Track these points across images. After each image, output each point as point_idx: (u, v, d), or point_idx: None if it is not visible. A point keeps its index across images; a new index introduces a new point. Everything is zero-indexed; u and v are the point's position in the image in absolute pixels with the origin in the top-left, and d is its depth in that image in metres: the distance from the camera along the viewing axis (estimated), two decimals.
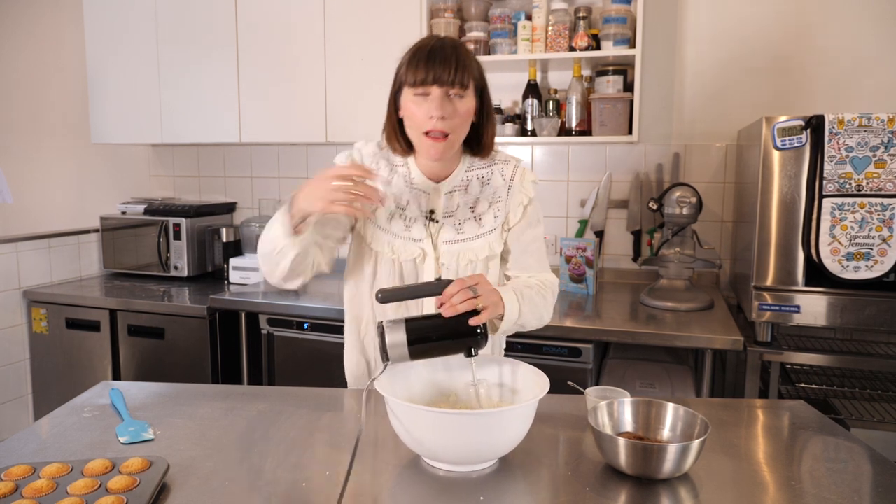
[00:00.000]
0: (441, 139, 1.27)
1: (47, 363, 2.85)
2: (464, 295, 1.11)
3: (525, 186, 1.40)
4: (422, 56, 1.26)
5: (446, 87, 1.25)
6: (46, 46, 2.98)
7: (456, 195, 1.39)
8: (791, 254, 1.94)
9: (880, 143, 1.81)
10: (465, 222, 1.39)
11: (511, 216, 1.41)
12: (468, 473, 1.05)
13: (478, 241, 1.38)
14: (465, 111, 1.29)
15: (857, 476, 1.07)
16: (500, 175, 1.41)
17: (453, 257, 1.38)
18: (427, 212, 1.39)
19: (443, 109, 1.25)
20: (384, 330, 1.12)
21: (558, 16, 2.40)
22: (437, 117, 1.25)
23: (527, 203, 1.40)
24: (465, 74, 1.26)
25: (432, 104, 1.25)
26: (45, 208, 3.00)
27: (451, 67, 1.24)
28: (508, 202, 1.40)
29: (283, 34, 2.70)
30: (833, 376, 2.23)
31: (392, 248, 1.38)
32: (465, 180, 1.40)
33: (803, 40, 2.46)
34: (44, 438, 1.20)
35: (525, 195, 1.40)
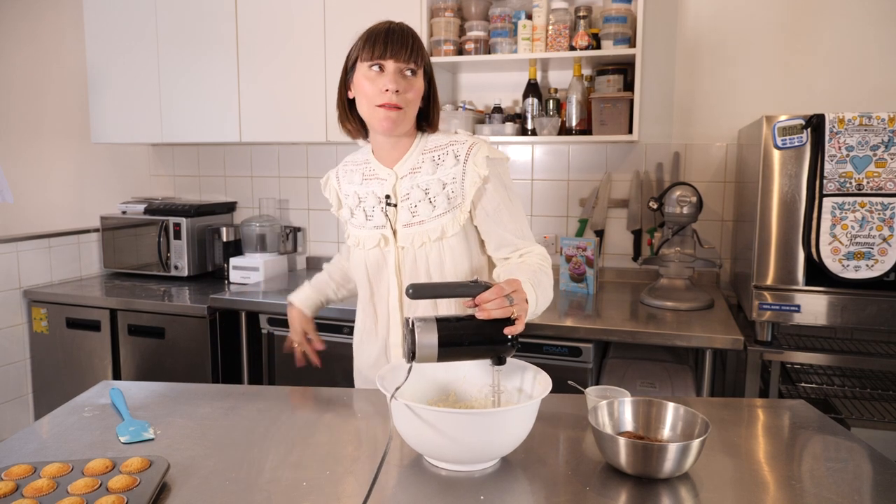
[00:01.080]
0: (394, 110, 1.31)
1: (48, 363, 2.85)
2: (500, 303, 1.08)
3: (478, 164, 1.35)
4: (379, 34, 1.33)
5: (402, 64, 1.31)
6: (47, 46, 2.98)
7: (409, 178, 1.41)
8: (791, 253, 1.94)
9: (881, 143, 1.81)
10: (419, 204, 1.39)
11: (468, 195, 1.36)
12: (470, 473, 1.05)
13: (431, 222, 1.38)
14: (417, 89, 1.35)
15: (857, 475, 1.07)
16: (454, 155, 1.38)
17: (409, 240, 1.39)
18: (383, 197, 1.42)
19: (397, 83, 1.30)
20: (415, 328, 1.06)
21: (558, 15, 2.40)
22: (392, 90, 1.30)
23: (484, 178, 1.35)
24: (420, 55, 1.34)
25: (387, 78, 1.31)
26: (45, 208, 3.00)
27: (407, 46, 1.32)
28: (464, 182, 1.36)
29: (283, 34, 2.70)
30: (833, 376, 2.23)
31: (358, 239, 1.46)
32: (418, 163, 1.41)
33: (803, 39, 2.46)
34: (44, 438, 1.21)
35: (478, 173, 1.35)
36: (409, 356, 1.07)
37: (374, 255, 1.43)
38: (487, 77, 2.81)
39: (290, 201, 3.22)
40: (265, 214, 3.11)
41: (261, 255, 2.96)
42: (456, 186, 1.37)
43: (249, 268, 2.87)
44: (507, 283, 1.11)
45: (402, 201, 1.40)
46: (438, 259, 1.39)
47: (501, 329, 1.08)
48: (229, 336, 2.63)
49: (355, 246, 1.47)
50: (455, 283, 1.19)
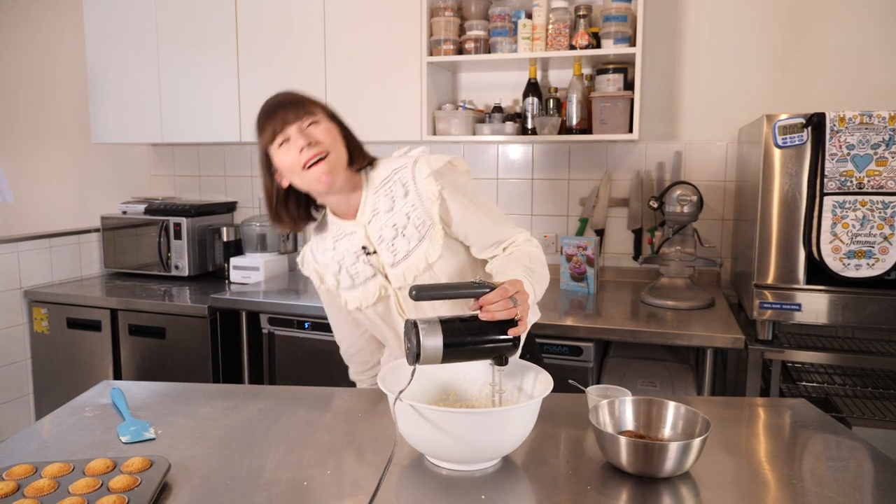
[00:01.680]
0: (319, 161, 1.30)
1: (48, 363, 2.85)
2: (504, 305, 1.07)
3: (427, 184, 1.35)
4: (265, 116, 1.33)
5: (298, 123, 1.30)
6: (47, 46, 2.98)
7: (374, 221, 1.39)
8: (792, 252, 1.94)
9: (881, 141, 1.81)
10: (394, 241, 1.38)
11: (433, 215, 1.35)
12: (471, 472, 1.05)
13: (413, 255, 1.37)
14: (327, 132, 1.33)
15: (858, 474, 1.07)
16: (402, 185, 1.37)
17: (401, 278, 1.38)
18: (359, 250, 1.40)
19: (306, 139, 1.30)
20: (419, 330, 1.04)
21: (558, 14, 2.39)
22: (304, 146, 1.29)
23: (438, 194, 1.35)
24: (306, 105, 1.33)
25: (294, 142, 1.30)
26: (45, 208, 3.00)
27: (288, 107, 1.31)
28: (423, 205, 1.36)
29: (283, 33, 2.70)
30: (834, 374, 2.23)
31: (358, 301, 1.43)
32: (374, 204, 1.39)
33: (804, 38, 2.45)
34: (45, 438, 1.21)
35: (431, 191, 1.35)
36: (413, 358, 1.05)
37: (382, 307, 1.42)
38: (487, 76, 2.81)
39: None
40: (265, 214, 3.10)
41: (261, 254, 2.96)
42: (419, 213, 1.36)
43: (250, 267, 2.87)
44: (510, 284, 1.10)
45: (378, 245, 1.40)
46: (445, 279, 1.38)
47: (505, 330, 1.08)
48: (230, 336, 2.63)
49: (358, 310, 1.44)
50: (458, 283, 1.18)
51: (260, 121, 1.34)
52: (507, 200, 2.86)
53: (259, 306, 2.49)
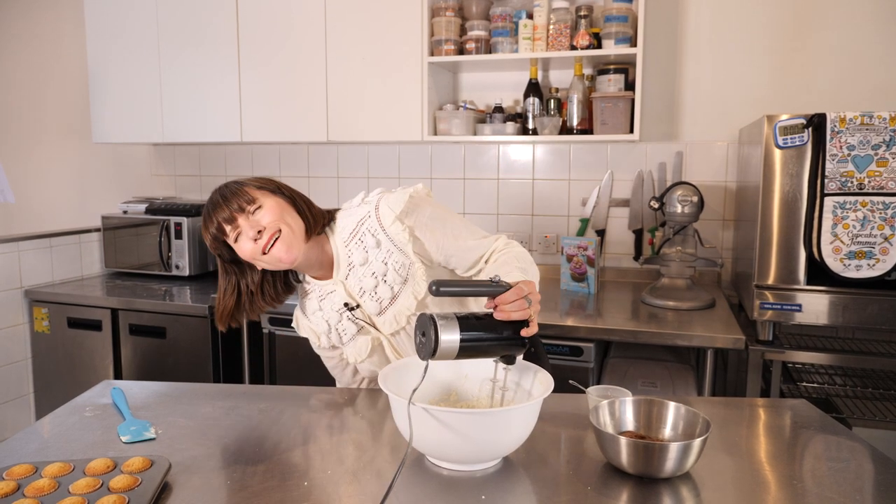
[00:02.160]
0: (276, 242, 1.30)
1: (49, 362, 2.85)
2: (520, 305, 1.07)
3: (393, 227, 1.35)
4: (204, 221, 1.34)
5: (240, 217, 1.31)
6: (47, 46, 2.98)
7: (352, 276, 1.40)
8: (793, 252, 1.94)
9: (882, 142, 1.81)
10: (376, 290, 1.38)
11: (409, 253, 1.35)
12: (472, 472, 1.05)
13: (399, 299, 1.37)
14: (272, 210, 1.32)
15: (858, 475, 1.07)
16: (370, 233, 1.37)
17: (392, 325, 1.39)
18: (341, 307, 1.41)
19: (252, 227, 1.30)
20: (437, 325, 1.03)
21: (559, 14, 2.39)
22: (254, 237, 1.30)
23: (409, 232, 1.35)
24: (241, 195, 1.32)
25: (245, 232, 1.31)
26: (46, 208, 3.00)
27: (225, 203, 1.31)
28: (396, 247, 1.36)
29: (284, 33, 2.70)
30: (835, 375, 2.22)
31: (354, 355, 1.44)
32: (348, 258, 1.40)
33: (805, 38, 2.45)
34: (45, 438, 1.21)
35: (399, 233, 1.35)
36: (429, 353, 1.04)
37: (377, 358, 1.44)
38: (488, 76, 2.81)
39: None
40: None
41: None
42: (395, 256, 1.36)
43: None
44: (525, 284, 1.11)
45: (360, 297, 1.40)
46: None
47: (517, 329, 1.09)
48: (230, 336, 2.63)
49: (358, 362, 1.45)
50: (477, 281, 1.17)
51: (205, 224, 1.34)
52: (508, 201, 2.86)
53: None
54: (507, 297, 1.07)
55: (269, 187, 1.37)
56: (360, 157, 3.07)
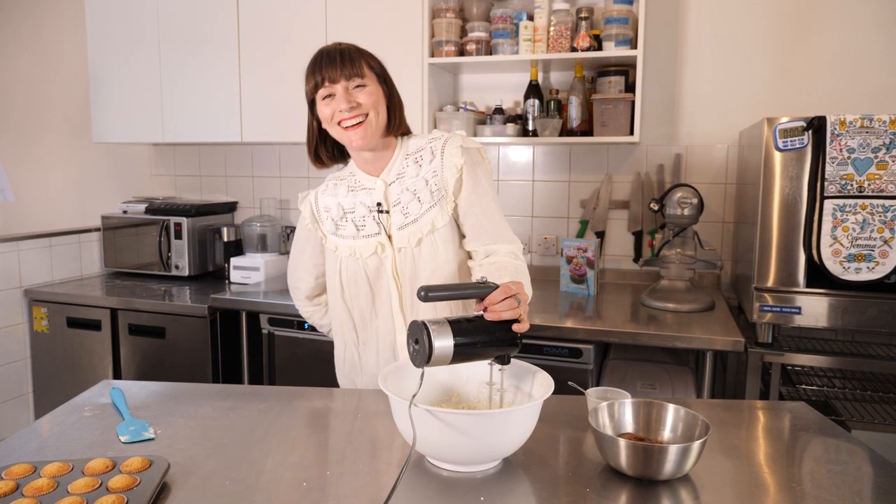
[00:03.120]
0: (357, 125, 1.36)
1: (48, 362, 2.85)
2: (510, 303, 1.08)
3: (453, 154, 1.41)
4: (315, 65, 1.37)
5: (344, 82, 1.35)
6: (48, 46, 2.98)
7: (397, 183, 1.44)
8: (792, 255, 1.94)
9: (882, 145, 1.81)
10: (409, 205, 1.43)
11: (449, 186, 1.41)
12: (472, 474, 1.05)
13: (422, 218, 1.41)
14: (370, 97, 1.37)
15: (857, 478, 1.07)
16: (431, 151, 1.44)
17: (405, 240, 1.42)
18: (374, 205, 1.44)
19: (347, 101, 1.34)
20: (430, 331, 1.03)
21: (560, 16, 2.40)
22: (344, 109, 1.34)
23: (460, 167, 1.40)
24: (355, 66, 1.36)
25: (338, 100, 1.35)
26: (46, 207, 3.00)
27: (337, 63, 1.35)
28: (443, 173, 1.41)
29: (284, 33, 2.70)
30: (834, 378, 2.23)
31: (352, 249, 1.46)
32: (402, 168, 1.45)
33: (805, 41, 2.46)
34: (44, 437, 1.21)
35: (454, 162, 1.40)
36: (423, 360, 1.04)
37: (372, 262, 1.45)
38: (489, 78, 2.81)
39: (290, 201, 3.22)
40: (266, 214, 3.11)
41: (261, 255, 2.96)
42: (438, 179, 1.42)
43: (250, 268, 2.87)
44: (512, 283, 1.12)
45: (393, 206, 1.44)
46: (432, 253, 1.42)
47: (508, 329, 1.09)
48: (230, 336, 2.63)
49: (349, 256, 1.47)
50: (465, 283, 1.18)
51: (310, 67, 1.37)
52: (508, 202, 2.86)
53: (259, 306, 2.49)
54: (496, 297, 1.08)
55: (378, 71, 1.41)
56: None
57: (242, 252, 3.02)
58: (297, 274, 1.64)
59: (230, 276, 2.90)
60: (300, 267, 1.63)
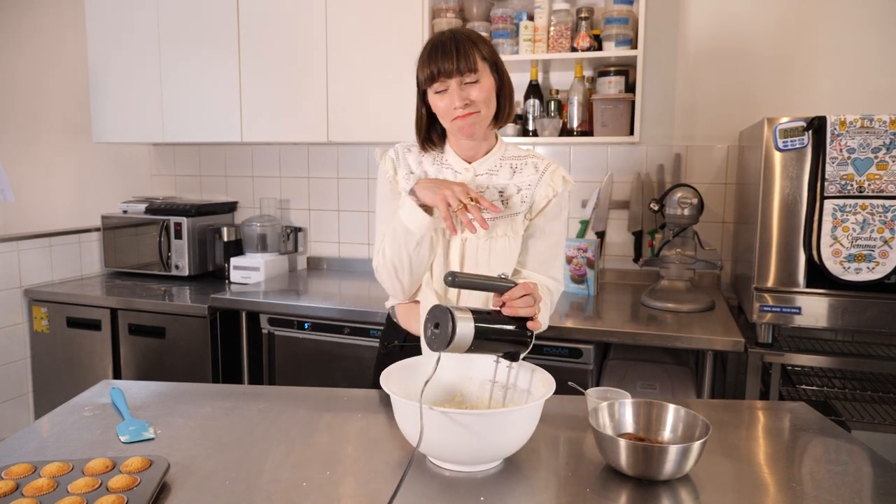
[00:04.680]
0: (467, 117, 1.35)
1: (48, 362, 2.85)
2: (527, 301, 1.13)
3: (555, 181, 1.44)
4: (431, 56, 1.34)
5: (457, 77, 1.32)
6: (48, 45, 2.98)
7: (486, 177, 1.45)
8: (792, 255, 1.94)
9: (882, 145, 1.81)
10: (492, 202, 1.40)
11: (536, 205, 1.44)
12: (473, 474, 1.05)
13: (501, 220, 1.42)
14: (483, 93, 1.35)
15: (857, 478, 1.07)
16: (534, 166, 1.45)
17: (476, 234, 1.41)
18: None
19: (461, 99, 1.33)
20: (454, 316, 1.05)
21: (560, 16, 2.40)
22: (459, 106, 1.33)
23: (552, 196, 1.44)
24: (469, 60, 1.33)
25: (452, 96, 1.33)
26: (46, 207, 3.00)
27: (452, 58, 1.32)
28: (536, 191, 1.44)
29: (285, 34, 2.70)
30: (834, 378, 2.23)
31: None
32: (497, 164, 1.46)
33: (805, 41, 2.46)
34: (44, 437, 1.21)
35: (553, 188, 1.43)
36: (444, 343, 1.05)
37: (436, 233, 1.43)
38: None
39: (290, 201, 3.22)
40: (266, 214, 3.11)
41: (261, 255, 2.97)
42: (528, 193, 1.44)
43: (250, 268, 2.87)
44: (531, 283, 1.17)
45: None
46: (503, 254, 1.42)
47: (523, 327, 1.13)
48: (230, 336, 2.63)
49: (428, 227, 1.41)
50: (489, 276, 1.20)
51: (424, 58, 1.36)
52: None
53: (259, 306, 2.49)
54: (516, 293, 1.13)
55: (492, 60, 1.38)
56: (361, 157, 3.07)
57: (242, 252, 3.02)
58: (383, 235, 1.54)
59: (230, 276, 2.90)
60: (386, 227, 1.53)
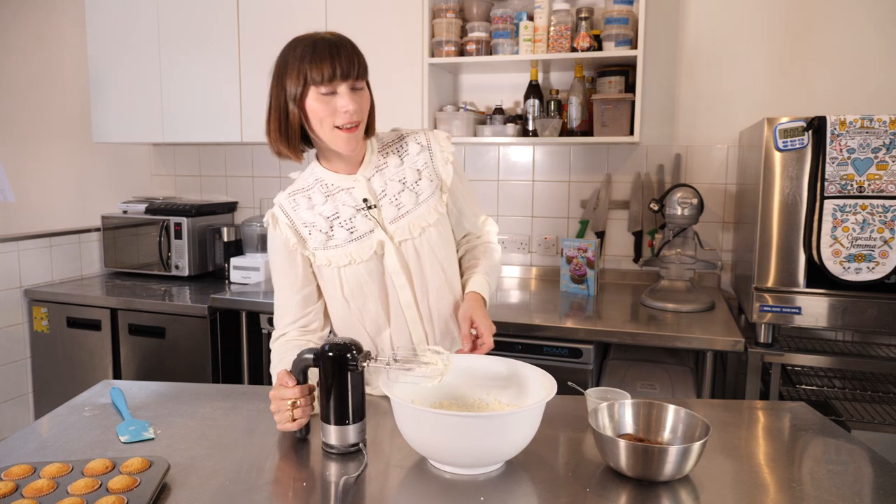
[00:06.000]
0: (353, 129, 1.28)
1: (48, 362, 2.85)
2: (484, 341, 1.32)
3: (443, 145, 1.43)
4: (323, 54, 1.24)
5: (352, 81, 1.26)
6: (48, 45, 2.98)
7: (378, 177, 1.40)
8: (792, 255, 1.94)
9: (882, 145, 1.81)
10: (400, 195, 1.39)
11: (444, 176, 1.42)
12: (474, 476, 1.05)
13: (421, 207, 1.39)
14: (367, 100, 1.32)
15: (857, 478, 1.07)
16: (416, 143, 1.43)
17: (405, 232, 1.37)
18: (360, 202, 1.37)
19: (353, 102, 1.26)
20: None
21: (560, 16, 2.39)
22: (351, 111, 1.26)
23: (452, 159, 1.44)
24: (359, 65, 1.28)
25: (343, 99, 1.26)
26: (46, 207, 3.00)
27: (354, 63, 1.26)
28: (435, 165, 1.42)
29: (285, 34, 2.67)
30: (834, 378, 2.23)
31: (349, 257, 1.36)
32: (381, 161, 1.41)
33: (805, 41, 2.46)
34: (44, 437, 1.21)
35: (447, 152, 1.43)
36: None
37: (373, 264, 1.36)
38: (489, 78, 2.81)
39: None
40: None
41: (262, 255, 2.96)
42: (429, 170, 1.42)
43: (250, 268, 2.87)
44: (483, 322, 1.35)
45: (381, 199, 1.39)
46: (441, 240, 1.41)
47: None
48: (230, 336, 2.63)
49: (347, 265, 1.36)
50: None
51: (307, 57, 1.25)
52: (508, 202, 2.87)
53: (259, 306, 2.49)
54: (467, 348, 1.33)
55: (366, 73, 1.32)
56: None
57: (242, 252, 3.02)
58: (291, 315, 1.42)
59: (230, 276, 2.90)
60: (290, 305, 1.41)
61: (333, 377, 1.11)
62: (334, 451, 1.12)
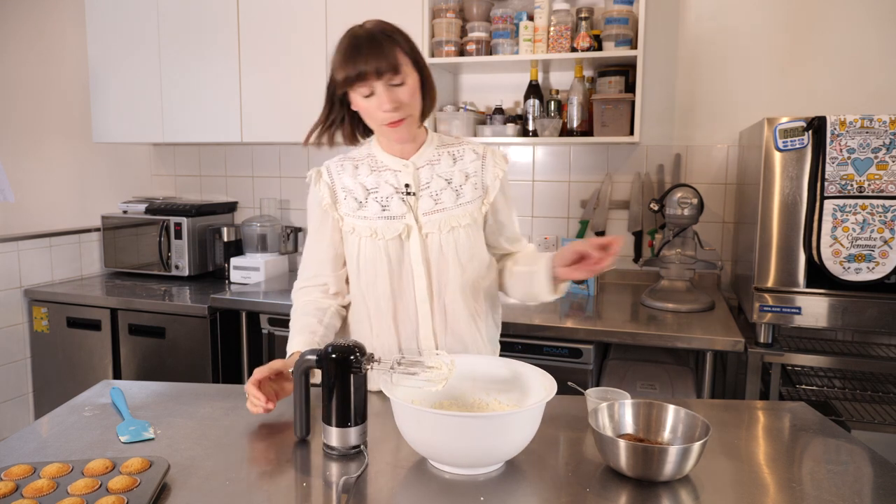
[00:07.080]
0: (399, 123, 1.32)
1: (48, 362, 2.85)
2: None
3: (498, 161, 1.45)
4: (344, 56, 1.29)
5: (385, 78, 1.27)
6: (49, 46, 2.98)
7: (427, 169, 1.43)
8: (792, 255, 1.94)
9: (882, 145, 1.81)
10: (441, 192, 1.41)
11: (490, 189, 1.43)
12: (474, 476, 1.05)
13: (458, 209, 1.41)
14: (409, 93, 1.31)
15: (857, 478, 1.07)
16: (472, 151, 1.45)
17: (435, 226, 1.39)
18: (402, 186, 1.41)
19: (390, 101, 1.28)
20: None
21: (560, 16, 2.39)
22: (388, 109, 1.29)
23: (501, 175, 1.44)
24: (391, 58, 1.27)
25: (380, 98, 1.29)
26: (46, 207, 3.00)
27: (379, 56, 1.27)
28: (484, 176, 1.43)
29: (285, 34, 2.70)
30: (834, 378, 2.23)
31: (373, 230, 1.39)
32: (435, 156, 1.44)
33: (805, 41, 2.46)
34: (44, 437, 1.21)
35: (500, 169, 1.44)
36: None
37: (394, 246, 1.39)
38: (489, 78, 2.81)
39: (290, 201, 3.22)
40: (266, 214, 3.11)
41: (261, 255, 2.96)
42: (477, 179, 1.43)
43: (250, 268, 2.87)
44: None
45: (422, 190, 1.41)
46: (467, 243, 1.41)
47: None
48: (230, 336, 2.63)
49: (370, 237, 1.39)
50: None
51: (342, 59, 1.29)
52: None
53: (259, 306, 2.49)
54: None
55: (411, 54, 1.33)
56: None
57: (242, 252, 3.02)
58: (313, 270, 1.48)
59: (230, 276, 2.90)
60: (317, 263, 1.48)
61: (336, 379, 1.11)
62: (335, 453, 1.12)
